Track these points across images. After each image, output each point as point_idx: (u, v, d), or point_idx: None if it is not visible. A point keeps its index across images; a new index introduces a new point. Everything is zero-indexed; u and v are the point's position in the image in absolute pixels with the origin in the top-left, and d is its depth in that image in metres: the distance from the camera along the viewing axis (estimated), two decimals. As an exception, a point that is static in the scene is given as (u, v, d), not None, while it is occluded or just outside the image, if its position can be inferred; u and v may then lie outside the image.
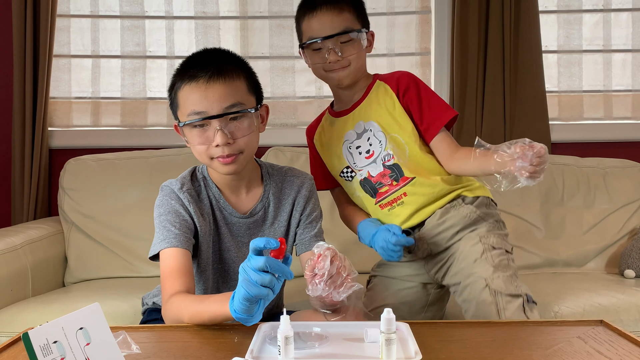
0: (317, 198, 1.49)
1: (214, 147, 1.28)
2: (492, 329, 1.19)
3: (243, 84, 1.31)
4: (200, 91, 1.26)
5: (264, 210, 1.42)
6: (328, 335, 1.09)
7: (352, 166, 1.66)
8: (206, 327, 1.18)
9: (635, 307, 1.80)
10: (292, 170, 1.48)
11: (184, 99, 1.29)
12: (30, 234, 2.13)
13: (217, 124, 1.26)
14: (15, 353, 1.03)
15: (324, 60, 1.56)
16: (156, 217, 1.34)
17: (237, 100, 1.28)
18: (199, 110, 1.27)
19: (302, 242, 1.44)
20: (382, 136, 1.61)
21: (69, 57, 2.69)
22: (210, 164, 1.33)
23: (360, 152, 1.64)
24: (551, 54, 2.72)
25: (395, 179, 1.60)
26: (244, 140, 1.29)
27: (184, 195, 1.34)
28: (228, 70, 1.28)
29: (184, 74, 1.30)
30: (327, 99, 2.72)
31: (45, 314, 1.76)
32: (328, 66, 1.56)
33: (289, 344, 0.96)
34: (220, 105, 1.26)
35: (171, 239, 1.29)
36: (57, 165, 2.58)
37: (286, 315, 0.97)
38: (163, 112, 2.71)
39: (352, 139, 1.66)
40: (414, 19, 2.72)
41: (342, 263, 1.10)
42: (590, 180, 2.44)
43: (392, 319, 0.96)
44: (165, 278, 1.27)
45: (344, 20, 1.54)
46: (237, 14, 2.70)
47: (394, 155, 1.59)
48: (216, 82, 1.26)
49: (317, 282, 1.09)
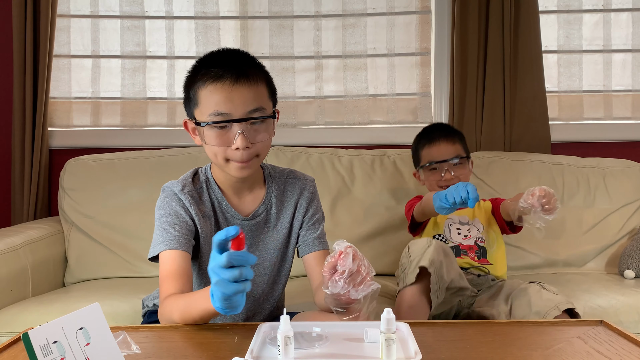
0: (319, 200, 1.49)
1: (233, 150, 1.27)
2: (492, 329, 1.19)
3: (265, 89, 1.30)
4: (226, 92, 1.24)
5: (266, 213, 1.42)
6: (328, 335, 1.09)
7: (446, 236, 1.98)
8: (206, 327, 1.18)
9: (635, 308, 1.80)
10: (294, 173, 1.48)
11: (207, 98, 1.26)
12: (30, 234, 2.13)
13: (238, 127, 1.25)
14: (15, 353, 1.03)
15: (439, 178, 1.96)
16: (156, 219, 1.34)
17: (260, 105, 1.27)
18: (223, 112, 1.25)
19: (305, 244, 1.44)
20: (481, 226, 1.99)
21: (69, 57, 2.69)
22: (224, 166, 1.31)
23: (459, 233, 1.98)
24: (551, 54, 2.72)
25: (479, 257, 1.93)
26: (261, 145, 1.29)
27: (185, 197, 1.34)
28: (252, 74, 1.27)
29: (207, 73, 1.26)
30: (327, 98, 2.72)
31: (45, 314, 1.75)
32: (442, 182, 1.95)
33: (289, 344, 0.96)
34: (244, 109, 1.25)
35: (170, 241, 1.29)
36: (57, 165, 2.59)
37: (286, 316, 0.97)
38: (163, 112, 2.71)
39: (456, 222, 2.00)
40: (414, 19, 2.72)
41: (362, 261, 1.09)
42: (590, 180, 2.44)
43: (392, 319, 0.96)
44: (162, 281, 1.27)
45: (456, 149, 1.98)
46: (237, 14, 2.71)
47: (485, 240, 1.96)
48: (242, 85, 1.25)
49: (337, 279, 1.08)
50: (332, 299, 1.13)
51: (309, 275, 1.44)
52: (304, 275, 1.54)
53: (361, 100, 2.72)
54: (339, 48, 2.72)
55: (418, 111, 2.74)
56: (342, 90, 2.73)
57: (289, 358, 0.97)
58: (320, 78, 2.73)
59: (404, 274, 1.67)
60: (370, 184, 2.40)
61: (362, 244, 2.29)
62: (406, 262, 1.67)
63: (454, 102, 2.60)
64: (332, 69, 2.73)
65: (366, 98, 2.73)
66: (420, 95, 2.74)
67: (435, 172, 1.98)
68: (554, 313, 1.56)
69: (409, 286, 1.64)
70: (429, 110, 2.74)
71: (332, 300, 1.14)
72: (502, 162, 2.46)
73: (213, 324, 1.25)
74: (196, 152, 2.41)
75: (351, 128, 2.72)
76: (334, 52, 2.72)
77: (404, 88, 2.73)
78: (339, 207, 2.35)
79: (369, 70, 2.73)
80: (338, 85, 2.73)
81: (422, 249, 1.64)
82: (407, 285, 1.63)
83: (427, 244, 1.65)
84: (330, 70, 2.73)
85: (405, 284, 1.64)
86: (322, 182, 2.37)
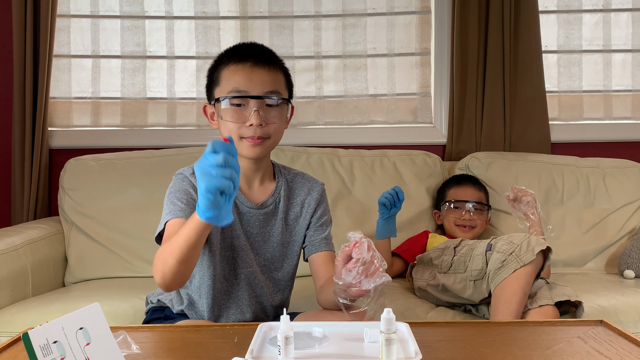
0: (327, 204, 1.51)
1: (247, 127, 1.33)
2: (492, 329, 1.19)
3: (282, 78, 1.40)
4: (246, 72, 1.34)
5: (275, 205, 1.44)
6: (328, 335, 1.09)
7: None
8: (206, 327, 1.18)
9: (635, 308, 1.80)
10: (302, 174, 1.51)
11: (228, 77, 1.35)
12: (30, 234, 2.13)
13: (255, 105, 1.32)
14: (15, 353, 1.03)
15: (459, 216, 2.20)
16: (165, 197, 1.38)
17: (276, 89, 1.36)
18: (241, 89, 1.33)
19: (311, 244, 1.45)
20: None
21: (69, 57, 2.69)
22: (237, 145, 1.35)
23: None
24: (551, 54, 2.72)
25: None
26: (274, 127, 1.35)
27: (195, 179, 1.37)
28: (272, 62, 1.38)
29: (231, 56, 1.37)
30: (327, 98, 2.72)
31: (45, 314, 1.75)
32: (460, 221, 2.19)
33: (289, 344, 0.96)
34: (262, 89, 1.33)
35: (176, 212, 1.32)
36: (57, 165, 2.58)
37: (286, 315, 0.97)
38: (163, 112, 2.71)
39: None
40: (414, 19, 2.72)
41: (375, 253, 1.10)
42: (590, 180, 2.44)
43: (392, 319, 0.96)
44: (162, 243, 1.29)
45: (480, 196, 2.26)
46: (237, 14, 2.71)
47: None
48: (262, 68, 1.35)
49: (352, 268, 1.08)
50: (341, 290, 1.13)
51: (313, 275, 1.44)
52: (306, 275, 1.54)
53: (361, 100, 2.72)
54: (339, 48, 2.72)
55: (418, 111, 2.74)
56: (342, 90, 2.73)
57: (289, 358, 0.97)
58: (320, 78, 2.73)
59: (514, 256, 1.61)
60: (370, 185, 2.39)
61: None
62: (507, 248, 1.62)
63: (454, 102, 2.60)
64: (332, 69, 2.73)
65: (366, 98, 2.73)
66: (420, 95, 2.74)
67: (457, 211, 2.20)
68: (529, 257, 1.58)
69: (527, 265, 1.59)
70: (429, 110, 2.74)
71: (341, 292, 1.14)
72: (502, 162, 2.46)
73: (213, 324, 1.26)
74: (196, 152, 2.40)
75: (351, 128, 2.72)
76: (334, 52, 2.72)
77: (403, 88, 2.73)
78: (339, 208, 2.35)
79: (369, 70, 2.73)
80: (338, 85, 2.73)
81: (525, 236, 1.65)
82: (525, 264, 1.58)
83: (527, 235, 1.67)
84: (330, 70, 2.73)
85: (524, 263, 1.58)
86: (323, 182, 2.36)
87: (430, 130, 2.72)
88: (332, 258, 1.43)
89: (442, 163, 2.49)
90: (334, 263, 1.36)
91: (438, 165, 2.46)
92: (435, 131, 2.71)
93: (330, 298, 1.24)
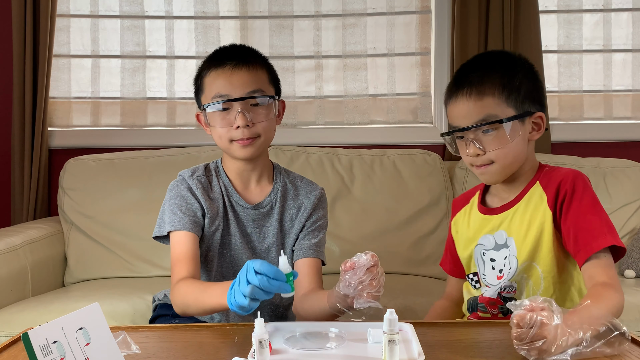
0: (325, 210, 1.50)
1: (234, 130, 1.35)
2: (492, 329, 1.18)
3: (265, 74, 1.40)
4: (226, 76, 1.36)
5: (271, 206, 1.45)
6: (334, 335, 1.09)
7: (480, 276, 1.38)
8: (206, 327, 1.18)
9: (636, 307, 1.80)
10: (302, 178, 1.52)
11: (210, 83, 1.38)
12: (30, 234, 2.13)
13: (238, 106, 1.34)
14: (15, 353, 1.03)
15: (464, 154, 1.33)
16: (165, 201, 1.42)
17: (259, 87, 1.36)
18: (223, 94, 1.35)
19: (300, 249, 1.44)
20: (514, 262, 1.31)
21: (69, 57, 2.68)
22: (229, 148, 1.38)
23: (493, 267, 1.35)
24: (551, 54, 2.72)
25: (504, 314, 1.31)
26: (262, 125, 1.36)
27: (193, 182, 1.41)
28: (252, 61, 1.38)
29: (211, 62, 1.39)
30: (327, 98, 2.72)
31: (45, 314, 1.75)
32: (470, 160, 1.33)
33: (263, 347, 0.95)
34: (243, 90, 1.35)
35: (175, 222, 1.36)
36: (57, 165, 2.58)
37: (260, 319, 0.96)
38: (163, 112, 2.71)
39: (489, 247, 1.37)
40: (414, 19, 2.72)
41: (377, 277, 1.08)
42: (590, 180, 2.43)
43: (395, 320, 0.96)
44: (173, 264, 1.34)
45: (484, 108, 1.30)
46: (237, 14, 2.70)
47: (517, 290, 1.31)
48: (241, 69, 1.36)
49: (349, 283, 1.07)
50: (342, 297, 1.13)
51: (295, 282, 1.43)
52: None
53: (361, 100, 2.72)
54: (339, 48, 2.72)
55: (418, 111, 2.74)
56: (342, 90, 2.73)
57: None
58: (320, 78, 2.73)
59: None
60: (370, 184, 2.39)
61: (361, 244, 2.29)
62: None
63: (454, 102, 2.60)
64: (332, 69, 2.73)
65: (366, 98, 2.72)
66: (420, 95, 2.74)
67: (460, 142, 1.34)
68: None
69: None
70: (429, 110, 2.73)
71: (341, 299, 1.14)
72: (502, 162, 2.45)
73: (213, 324, 1.25)
74: (196, 152, 2.40)
75: (351, 128, 2.72)
76: (334, 52, 2.72)
77: (404, 88, 2.73)
78: (338, 207, 2.35)
79: (369, 70, 2.72)
80: (338, 85, 2.73)
81: None
82: None
83: None
84: (330, 70, 2.73)
85: None
86: (322, 182, 2.36)
87: (430, 130, 2.71)
88: (318, 267, 1.43)
89: (442, 162, 2.48)
90: (318, 273, 1.41)
91: (438, 163, 2.45)
92: (435, 131, 2.71)
93: (312, 311, 1.27)
